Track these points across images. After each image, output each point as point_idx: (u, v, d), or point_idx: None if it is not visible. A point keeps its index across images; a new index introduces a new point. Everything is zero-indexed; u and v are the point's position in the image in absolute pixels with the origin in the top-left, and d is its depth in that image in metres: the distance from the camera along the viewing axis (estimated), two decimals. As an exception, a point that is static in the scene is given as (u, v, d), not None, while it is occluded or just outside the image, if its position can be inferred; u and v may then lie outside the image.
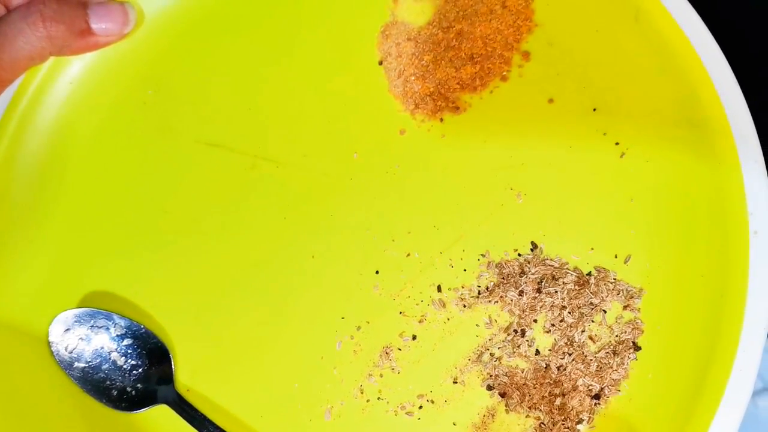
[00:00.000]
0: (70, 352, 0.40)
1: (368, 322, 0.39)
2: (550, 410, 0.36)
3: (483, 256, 0.39)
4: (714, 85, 0.37)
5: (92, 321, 0.40)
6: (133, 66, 0.44)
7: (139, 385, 0.40)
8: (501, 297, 0.38)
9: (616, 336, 0.36)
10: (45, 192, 0.42)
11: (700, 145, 0.37)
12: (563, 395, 0.36)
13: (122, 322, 0.40)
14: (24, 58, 0.41)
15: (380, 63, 0.43)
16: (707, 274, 0.35)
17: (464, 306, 0.38)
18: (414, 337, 0.38)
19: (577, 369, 0.36)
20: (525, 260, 0.38)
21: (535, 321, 0.37)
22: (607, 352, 0.36)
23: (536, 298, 0.37)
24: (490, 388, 0.37)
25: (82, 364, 0.40)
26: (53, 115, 0.43)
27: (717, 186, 0.36)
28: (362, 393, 0.38)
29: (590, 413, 0.35)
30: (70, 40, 0.41)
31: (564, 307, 0.37)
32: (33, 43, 0.41)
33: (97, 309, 0.40)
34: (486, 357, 0.37)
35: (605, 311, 0.37)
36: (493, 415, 0.36)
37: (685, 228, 0.37)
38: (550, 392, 0.36)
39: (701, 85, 0.37)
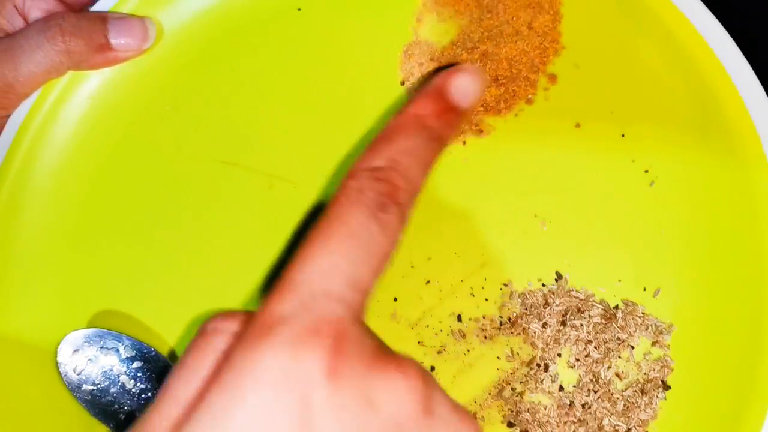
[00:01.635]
0: (79, 374, 0.39)
1: (385, 351, 0.37)
2: (574, 450, 0.34)
3: (505, 285, 0.37)
4: (748, 110, 0.35)
5: (101, 342, 0.39)
6: (151, 81, 0.43)
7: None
8: (524, 329, 0.36)
9: (644, 374, 0.35)
10: (58, 208, 0.42)
11: (735, 175, 0.35)
12: (588, 435, 0.34)
13: (132, 344, 0.39)
14: (42, 72, 0.41)
15: (402, 83, 0.42)
16: (742, 309, 0.34)
17: (485, 337, 0.37)
18: (432, 369, 0.37)
19: (603, 407, 0.34)
20: (549, 291, 0.37)
21: (559, 355, 0.36)
22: (635, 391, 0.34)
23: (560, 331, 0.36)
24: (510, 425, 0.35)
25: (90, 387, 0.39)
26: (70, 130, 0.43)
27: (753, 217, 0.34)
28: (377, 425, 0.36)
29: (616, 455, 0.34)
30: (88, 55, 0.41)
31: (590, 342, 0.35)
32: (51, 57, 0.40)
33: (107, 330, 0.39)
34: (507, 392, 0.36)
35: (633, 347, 0.35)
36: (513, 454, 0.35)
37: (719, 261, 0.35)
38: (574, 431, 0.34)
39: (734, 110, 0.36)
